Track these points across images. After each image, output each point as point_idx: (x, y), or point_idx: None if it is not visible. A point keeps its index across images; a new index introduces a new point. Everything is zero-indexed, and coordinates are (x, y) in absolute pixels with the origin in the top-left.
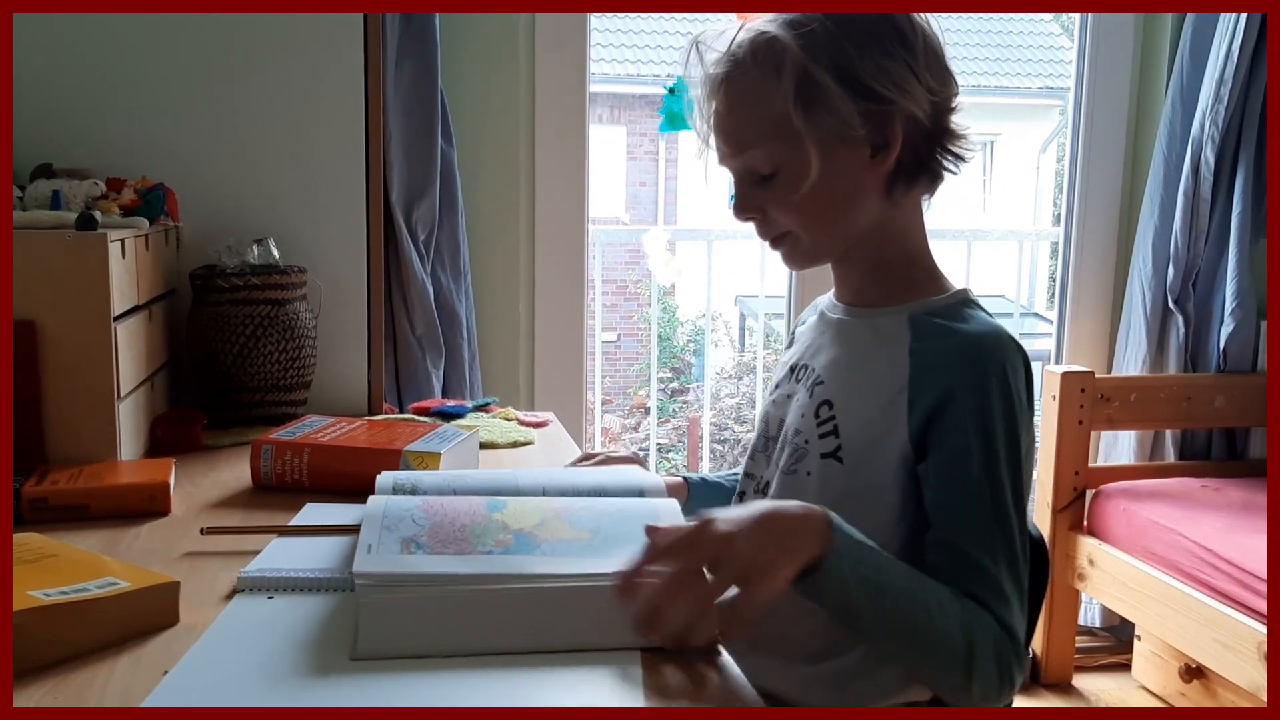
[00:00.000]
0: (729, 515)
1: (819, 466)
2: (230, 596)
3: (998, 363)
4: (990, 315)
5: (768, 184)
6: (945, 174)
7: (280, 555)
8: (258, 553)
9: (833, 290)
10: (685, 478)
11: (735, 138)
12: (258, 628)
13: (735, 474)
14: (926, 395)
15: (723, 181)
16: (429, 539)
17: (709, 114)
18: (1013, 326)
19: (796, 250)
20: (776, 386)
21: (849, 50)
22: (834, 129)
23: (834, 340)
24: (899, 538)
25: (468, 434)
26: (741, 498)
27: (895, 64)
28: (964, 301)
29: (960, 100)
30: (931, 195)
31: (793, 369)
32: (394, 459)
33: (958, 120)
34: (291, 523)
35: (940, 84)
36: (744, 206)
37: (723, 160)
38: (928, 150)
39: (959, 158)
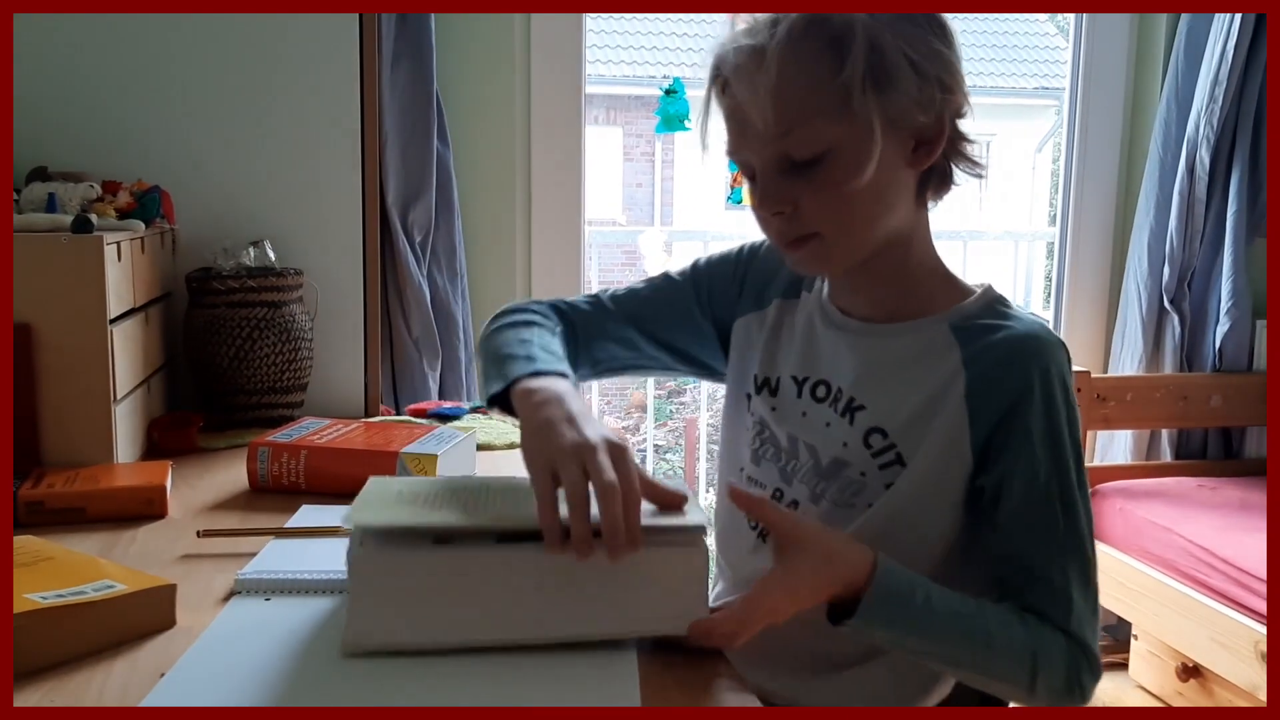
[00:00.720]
0: (784, 578)
1: (884, 498)
2: (227, 599)
3: (1056, 363)
4: (1022, 309)
5: (805, 173)
6: (971, 176)
7: (277, 557)
8: (255, 555)
9: (823, 292)
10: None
11: (782, 116)
12: (255, 630)
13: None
14: (990, 406)
15: (719, 179)
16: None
17: (744, 92)
18: None
19: (818, 254)
20: (770, 390)
21: (911, 31)
22: (898, 112)
23: (858, 358)
24: (942, 551)
25: (465, 436)
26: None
27: (947, 53)
28: (996, 300)
29: (969, 108)
30: (938, 204)
31: (798, 380)
32: (391, 461)
33: (968, 124)
34: (288, 525)
35: (963, 85)
36: (778, 197)
37: (751, 144)
38: (955, 151)
39: (974, 164)
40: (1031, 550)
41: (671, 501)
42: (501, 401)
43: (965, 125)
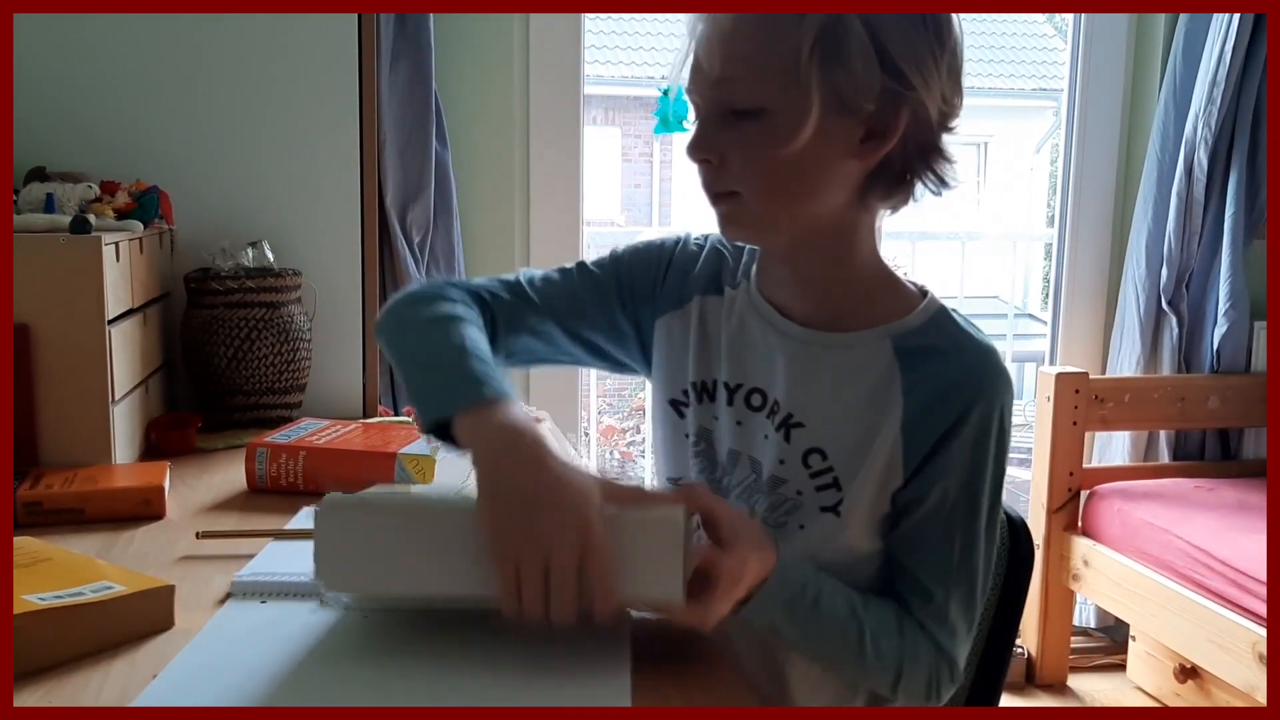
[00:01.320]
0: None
1: (817, 521)
2: (224, 601)
3: (996, 399)
4: (967, 322)
5: (740, 126)
6: (915, 195)
7: (275, 560)
8: (253, 557)
9: (752, 286)
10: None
11: (727, 61)
12: (249, 632)
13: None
14: (923, 437)
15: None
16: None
17: (702, 33)
18: (1006, 328)
19: (738, 214)
20: (703, 397)
21: (886, 19)
22: (844, 92)
23: (796, 368)
24: (875, 560)
25: None
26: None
27: (926, 51)
28: (940, 312)
29: (956, 123)
30: (893, 213)
31: (730, 388)
32: (389, 462)
33: (950, 140)
34: (288, 527)
35: (953, 92)
36: (706, 144)
37: (698, 86)
38: (918, 158)
39: (942, 181)
40: (923, 566)
41: None
42: (440, 428)
43: (947, 139)
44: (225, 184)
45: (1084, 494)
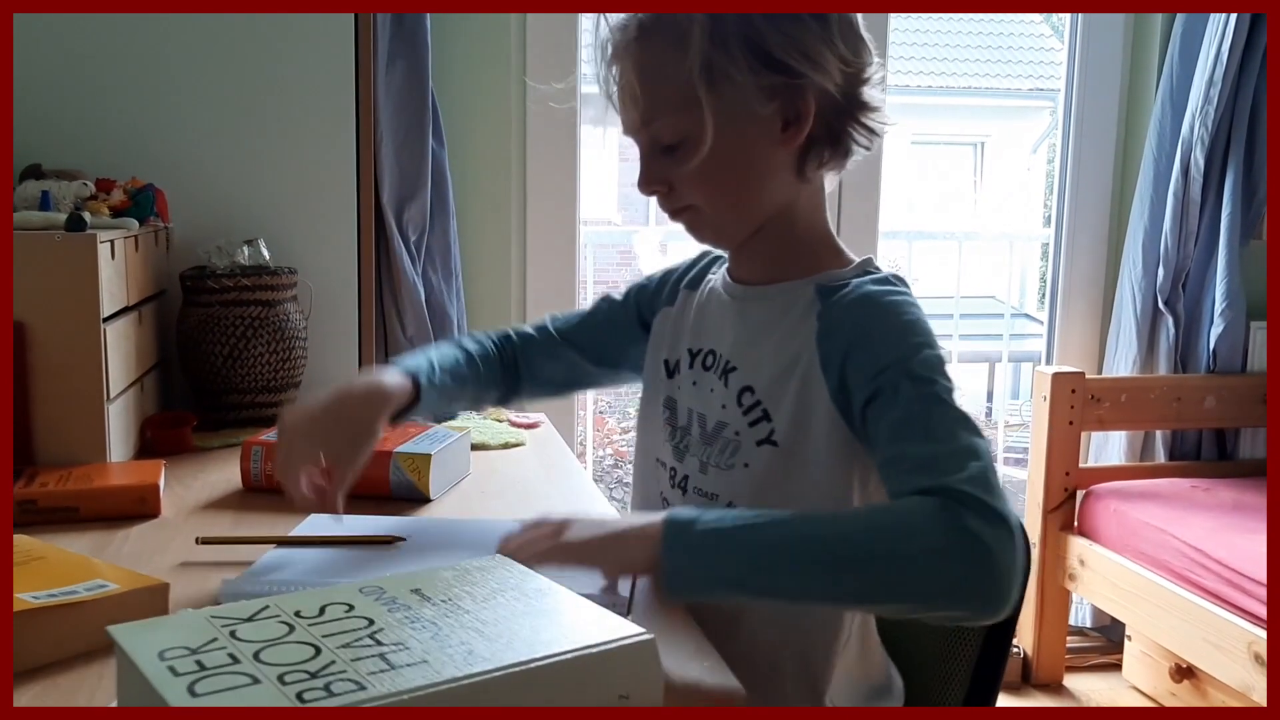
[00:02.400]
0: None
1: (756, 455)
2: (218, 602)
3: (896, 302)
4: (896, 277)
5: (673, 155)
6: (858, 150)
7: (269, 566)
8: (250, 563)
9: (725, 268)
10: (416, 380)
11: (641, 108)
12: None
13: (459, 367)
14: (835, 350)
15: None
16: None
17: (611, 82)
18: (1003, 328)
19: (698, 223)
20: (674, 371)
21: (758, 19)
22: (739, 102)
23: (737, 321)
24: (842, 491)
25: (459, 435)
26: (647, 484)
27: (807, 34)
28: (869, 265)
29: (874, 70)
30: (839, 172)
31: (693, 353)
32: (384, 461)
33: (872, 92)
34: (293, 533)
35: (854, 53)
36: (648, 179)
37: (628, 130)
38: (841, 124)
39: (872, 132)
40: (889, 441)
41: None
42: None
43: (870, 92)
44: (221, 182)
45: (1080, 494)
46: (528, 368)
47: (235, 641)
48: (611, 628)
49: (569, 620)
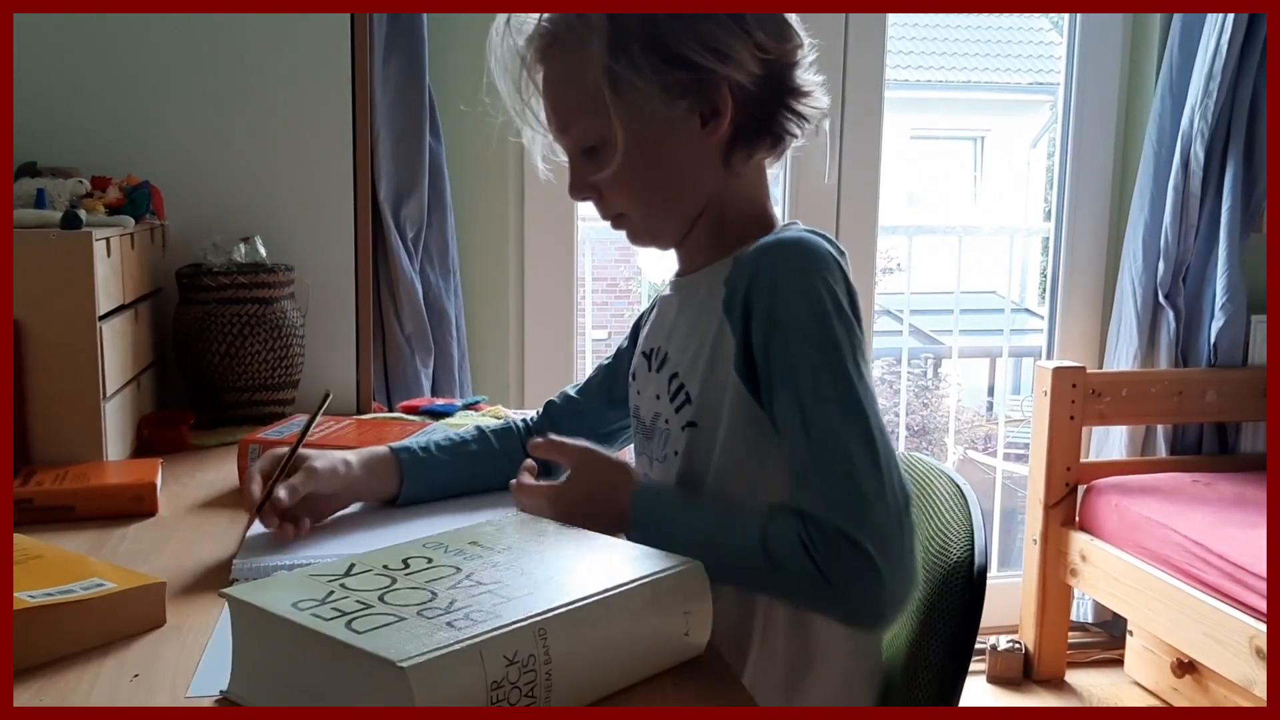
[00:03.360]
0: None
1: (682, 440)
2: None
3: (797, 255)
4: (812, 231)
5: (595, 159)
6: (790, 136)
7: (268, 545)
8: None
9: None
10: (396, 454)
11: (557, 115)
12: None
13: (467, 443)
14: (736, 311)
15: None
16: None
17: (526, 92)
18: (1003, 323)
19: (633, 229)
20: (634, 377)
21: (661, 17)
22: (647, 103)
23: (676, 313)
24: (771, 470)
25: (455, 432)
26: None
27: (715, 27)
28: (789, 226)
29: (805, 53)
30: (777, 158)
31: (645, 355)
32: None
33: (804, 76)
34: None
35: (776, 39)
36: (576, 185)
37: (553, 137)
38: (767, 112)
39: (803, 117)
40: (793, 453)
41: None
42: None
43: (801, 76)
44: (217, 179)
45: (1081, 489)
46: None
47: (352, 591)
48: (661, 559)
49: (622, 557)
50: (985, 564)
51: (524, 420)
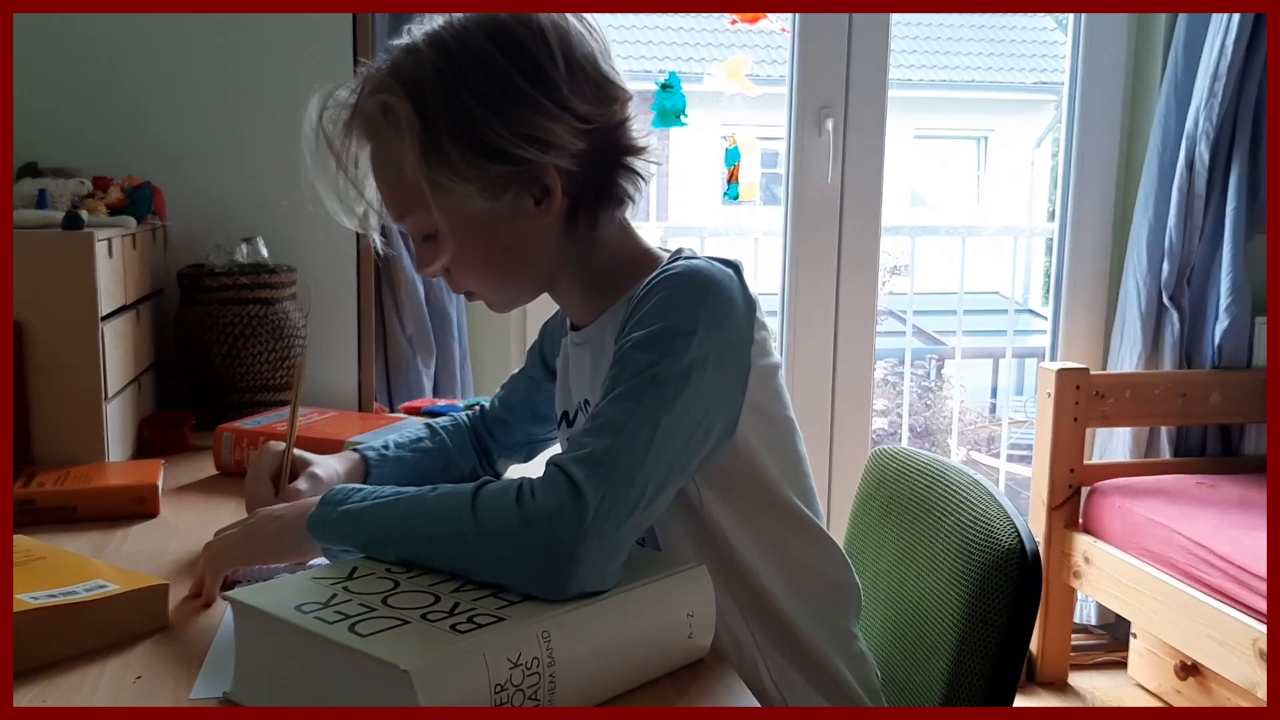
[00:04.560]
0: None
1: None
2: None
3: (675, 287)
4: (702, 259)
5: (434, 243)
6: (631, 197)
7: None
8: None
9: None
10: (363, 454)
11: (389, 204)
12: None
13: (421, 440)
14: (618, 348)
15: (715, 175)
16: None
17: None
18: (1007, 323)
19: (487, 301)
20: (560, 430)
21: (474, 111)
22: (471, 199)
23: (591, 367)
24: (714, 506)
25: (421, 427)
26: None
27: (531, 114)
28: (674, 257)
29: (630, 108)
30: (626, 210)
31: (569, 417)
32: (337, 449)
33: (636, 129)
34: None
35: (600, 105)
36: (424, 265)
37: (392, 221)
38: (603, 179)
39: (640, 177)
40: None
41: None
42: None
43: (632, 131)
44: (219, 180)
45: (1085, 490)
46: (491, 438)
47: (356, 595)
48: (668, 563)
49: (631, 560)
50: (1036, 547)
51: (468, 415)
